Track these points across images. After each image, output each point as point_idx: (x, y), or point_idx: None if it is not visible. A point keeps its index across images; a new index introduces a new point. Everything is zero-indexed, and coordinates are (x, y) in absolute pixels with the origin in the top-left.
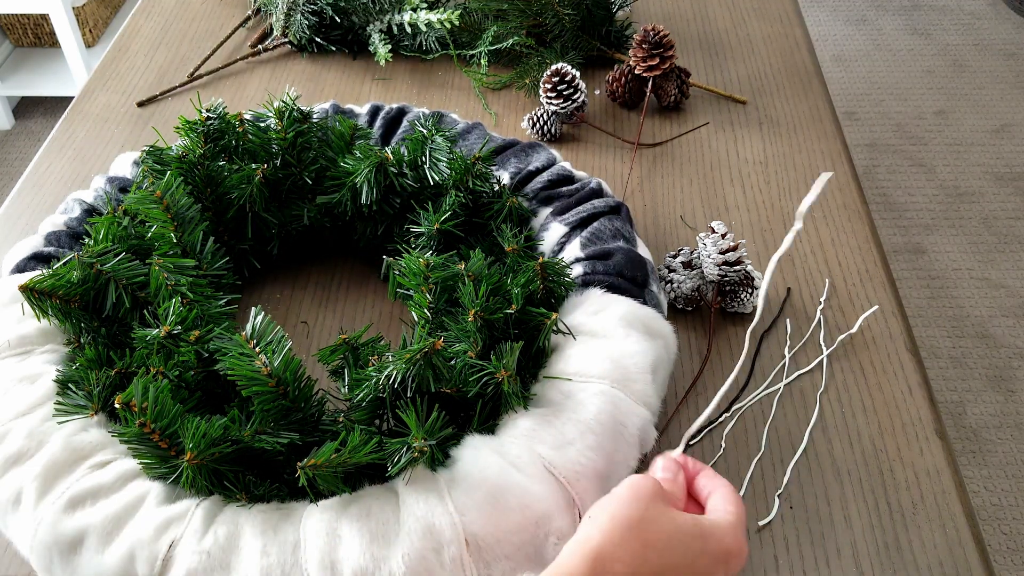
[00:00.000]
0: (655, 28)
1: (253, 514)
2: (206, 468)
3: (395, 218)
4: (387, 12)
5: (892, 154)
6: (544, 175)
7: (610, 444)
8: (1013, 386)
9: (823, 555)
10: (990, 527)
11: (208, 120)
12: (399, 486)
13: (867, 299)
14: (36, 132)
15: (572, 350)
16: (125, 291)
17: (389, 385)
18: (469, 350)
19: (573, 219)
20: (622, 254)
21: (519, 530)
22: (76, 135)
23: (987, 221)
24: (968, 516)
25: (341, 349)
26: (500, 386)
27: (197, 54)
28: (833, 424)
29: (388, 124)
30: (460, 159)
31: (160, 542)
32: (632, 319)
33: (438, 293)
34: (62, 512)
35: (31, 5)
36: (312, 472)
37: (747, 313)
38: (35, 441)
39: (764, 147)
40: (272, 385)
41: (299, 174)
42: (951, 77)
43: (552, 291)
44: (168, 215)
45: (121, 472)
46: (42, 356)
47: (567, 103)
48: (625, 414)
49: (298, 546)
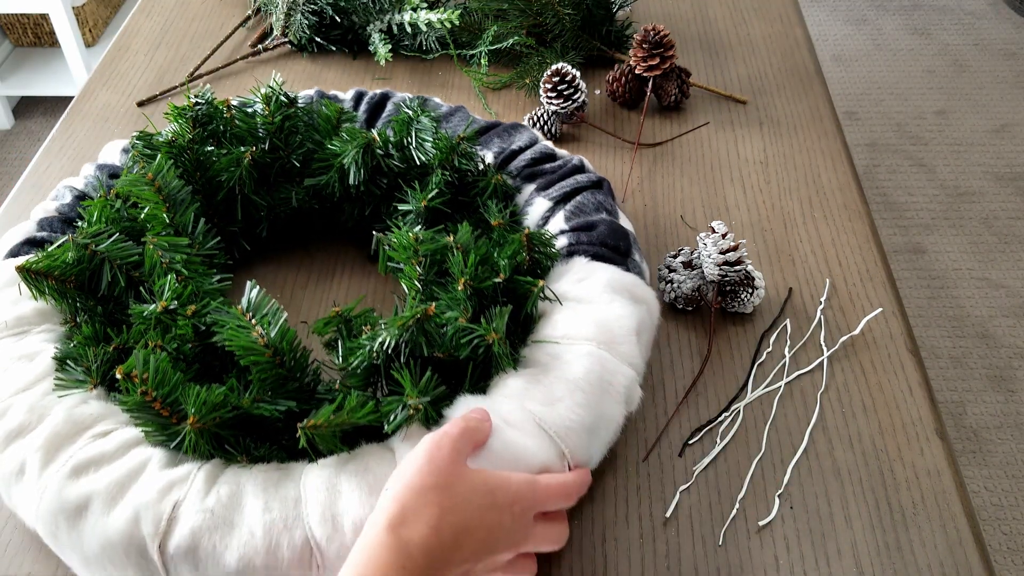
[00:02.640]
0: (655, 28)
1: (254, 473)
2: (207, 432)
3: (382, 199)
4: (387, 12)
5: (892, 154)
6: (527, 153)
7: (597, 401)
8: (1013, 386)
9: (823, 555)
10: (990, 527)
11: (196, 106)
12: (395, 443)
13: (867, 299)
14: (36, 132)
15: (559, 315)
16: (120, 271)
17: (383, 352)
18: (460, 316)
19: (557, 194)
20: (605, 225)
21: None
22: (76, 135)
23: (987, 221)
24: (968, 516)
25: (335, 321)
26: (490, 348)
27: (197, 54)
28: (833, 424)
29: (372, 108)
30: (445, 139)
31: (164, 503)
32: (616, 285)
33: (428, 265)
34: (66, 479)
35: (31, 5)
36: (311, 432)
37: (747, 313)
38: (36, 415)
39: (764, 147)
40: (269, 355)
41: (287, 157)
42: (951, 77)
43: (538, 262)
44: (160, 196)
45: (123, 440)
46: (39, 335)
47: (567, 103)
48: (611, 373)
49: (299, 501)
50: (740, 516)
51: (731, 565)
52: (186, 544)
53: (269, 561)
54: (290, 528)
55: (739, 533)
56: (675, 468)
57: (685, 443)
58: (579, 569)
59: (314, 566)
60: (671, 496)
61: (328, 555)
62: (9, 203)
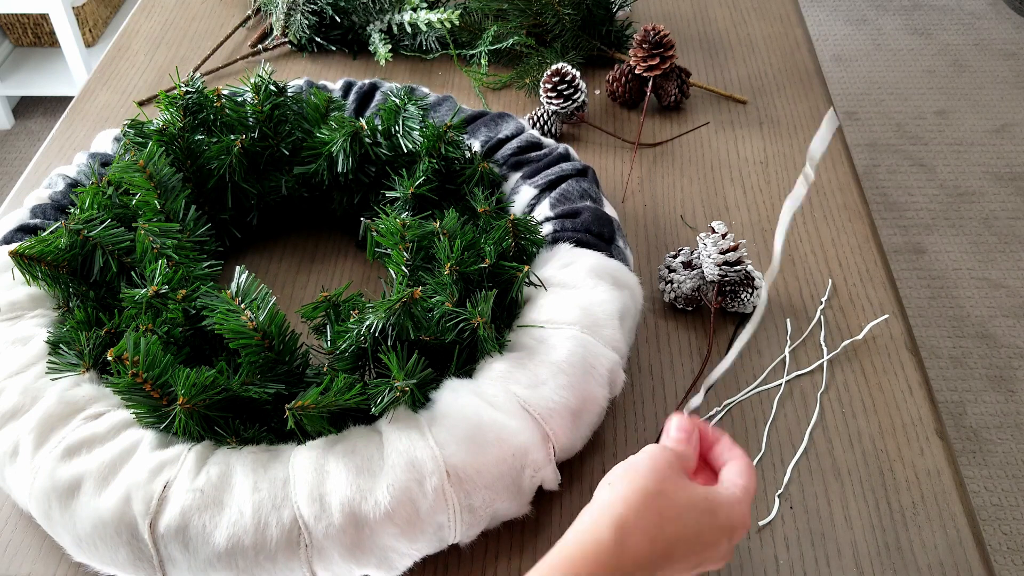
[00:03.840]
0: (655, 28)
1: (244, 455)
2: (197, 413)
3: (370, 187)
4: (387, 12)
5: (892, 154)
6: (513, 142)
7: (581, 384)
8: (1013, 386)
9: (823, 555)
10: (990, 527)
11: (187, 94)
12: (382, 425)
13: (867, 299)
14: (36, 132)
15: (543, 300)
16: (111, 256)
17: (370, 335)
18: (446, 300)
19: (542, 181)
20: (590, 212)
21: (497, 462)
22: (76, 135)
23: (987, 221)
24: (968, 516)
25: (323, 306)
26: (476, 332)
27: (197, 54)
28: (833, 424)
29: (361, 98)
30: (432, 127)
31: (155, 483)
32: (600, 271)
33: (414, 251)
34: (59, 460)
35: (31, 5)
36: (299, 414)
37: (747, 313)
38: (29, 397)
39: (764, 147)
40: (258, 339)
41: (276, 146)
42: (951, 77)
43: (524, 248)
44: (151, 183)
45: (114, 422)
46: (32, 320)
47: (567, 103)
48: (595, 356)
49: (288, 482)
50: None
51: (731, 565)
52: (176, 523)
53: (258, 540)
54: (278, 508)
55: None
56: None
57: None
58: None
59: (302, 545)
60: None
61: (316, 534)
62: (9, 203)
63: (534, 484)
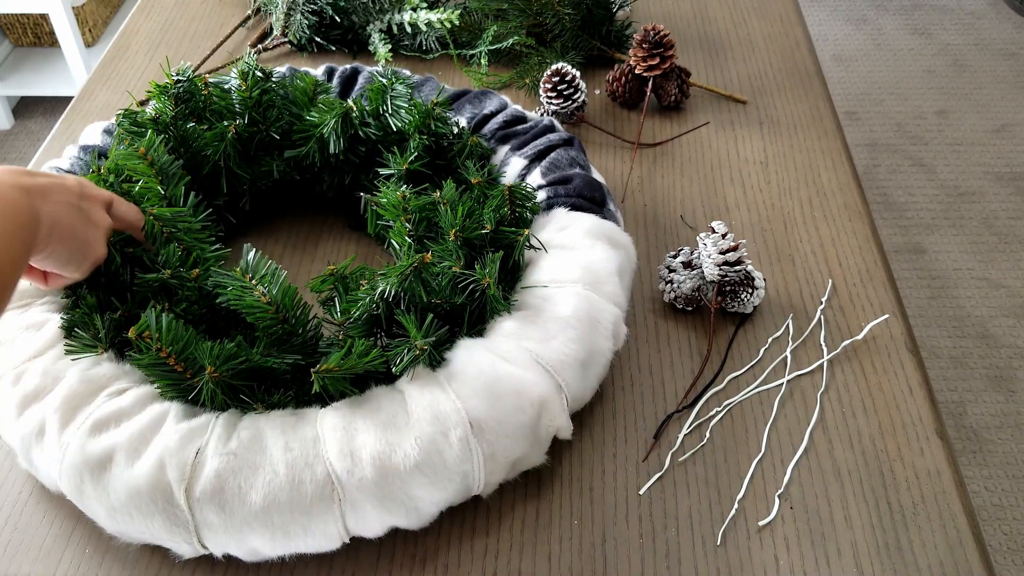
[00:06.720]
0: (655, 28)
1: (272, 418)
2: (224, 383)
3: (360, 167)
4: (387, 12)
5: (892, 154)
6: (499, 117)
7: (588, 337)
8: (1013, 386)
9: (823, 555)
10: (990, 527)
11: (178, 83)
12: (403, 384)
13: (867, 299)
14: (36, 132)
15: (545, 262)
16: (114, 248)
17: (383, 301)
18: (453, 265)
19: (531, 152)
20: (580, 178)
21: (517, 412)
22: (76, 135)
23: (987, 221)
24: (968, 516)
25: (330, 279)
26: (486, 292)
27: (197, 54)
28: (833, 424)
29: (345, 82)
30: (419, 105)
31: (187, 450)
32: (597, 232)
33: (417, 221)
34: (87, 435)
35: (31, 5)
36: (324, 377)
37: (747, 313)
38: (51, 378)
39: (764, 147)
40: (273, 311)
41: (266, 131)
42: (951, 77)
43: (520, 216)
44: (153, 170)
45: (139, 397)
46: (42, 307)
47: (567, 103)
48: (599, 311)
49: (317, 440)
50: (740, 516)
51: (731, 565)
52: (212, 486)
53: (293, 496)
54: (311, 465)
55: (739, 533)
56: (675, 468)
57: (660, 428)
58: (579, 569)
59: (335, 499)
60: (671, 496)
61: (349, 488)
62: None
63: (550, 433)
